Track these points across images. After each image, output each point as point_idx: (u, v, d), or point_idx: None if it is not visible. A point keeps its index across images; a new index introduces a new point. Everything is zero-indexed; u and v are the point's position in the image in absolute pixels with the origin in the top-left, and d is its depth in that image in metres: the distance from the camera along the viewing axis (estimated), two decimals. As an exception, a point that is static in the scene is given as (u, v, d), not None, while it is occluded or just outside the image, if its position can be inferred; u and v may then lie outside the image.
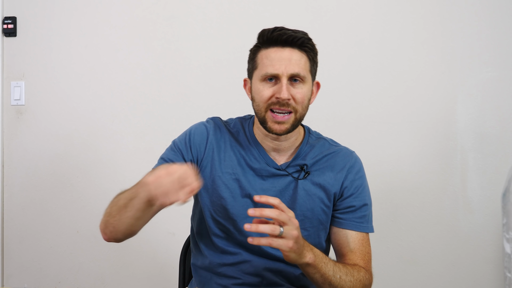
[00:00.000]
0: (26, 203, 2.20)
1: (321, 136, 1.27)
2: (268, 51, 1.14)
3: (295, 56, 1.12)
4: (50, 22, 2.19)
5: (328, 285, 1.05)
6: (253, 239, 0.93)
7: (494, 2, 1.88)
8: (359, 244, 1.17)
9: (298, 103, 1.13)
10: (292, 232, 0.95)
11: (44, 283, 2.18)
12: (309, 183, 1.18)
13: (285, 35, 1.12)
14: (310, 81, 1.17)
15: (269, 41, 1.14)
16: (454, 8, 1.90)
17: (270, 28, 1.15)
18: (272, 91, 1.12)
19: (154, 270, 2.08)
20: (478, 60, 1.88)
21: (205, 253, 1.23)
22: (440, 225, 1.90)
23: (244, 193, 1.18)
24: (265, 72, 1.13)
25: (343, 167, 1.20)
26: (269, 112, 1.13)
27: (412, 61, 1.92)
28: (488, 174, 1.87)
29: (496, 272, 1.88)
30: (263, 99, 1.13)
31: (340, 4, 1.97)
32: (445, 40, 1.90)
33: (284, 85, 1.10)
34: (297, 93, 1.12)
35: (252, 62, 1.19)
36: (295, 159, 1.20)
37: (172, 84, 2.09)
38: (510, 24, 1.87)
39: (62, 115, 2.17)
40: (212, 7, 2.06)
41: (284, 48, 1.12)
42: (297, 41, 1.12)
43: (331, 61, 1.97)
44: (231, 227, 1.18)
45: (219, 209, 1.19)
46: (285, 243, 0.94)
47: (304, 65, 1.13)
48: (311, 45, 1.16)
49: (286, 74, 1.11)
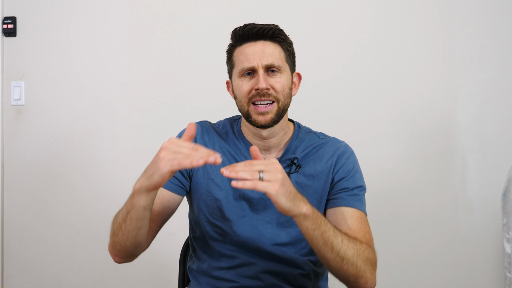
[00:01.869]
0: (26, 203, 2.20)
1: (311, 130, 1.28)
2: (242, 47, 1.17)
3: (268, 48, 1.14)
4: (50, 22, 2.19)
5: (330, 248, 0.99)
6: (237, 183, 0.87)
7: (494, 2, 1.88)
8: (358, 222, 1.13)
9: (278, 92, 1.14)
10: (275, 175, 0.90)
11: (44, 283, 2.18)
12: (301, 176, 1.18)
13: (255, 28, 1.15)
14: (288, 70, 1.18)
15: (241, 38, 1.17)
16: (454, 8, 1.90)
17: (241, 26, 1.18)
18: (251, 84, 1.14)
19: (154, 270, 2.08)
20: (478, 60, 1.88)
21: (202, 258, 1.23)
22: (440, 225, 1.90)
23: (237, 193, 1.18)
24: (241, 67, 1.15)
25: (333, 154, 1.20)
26: (252, 105, 1.14)
27: (412, 61, 1.92)
28: (488, 174, 1.87)
29: (496, 272, 1.88)
30: (243, 94, 1.15)
31: (340, 4, 1.97)
32: (445, 40, 1.90)
33: (261, 75, 1.12)
34: (275, 83, 1.14)
35: (230, 62, 1.21)
36: (285, 154, 1.20)
37: (172, 84, 2.09)
38: (510, 24, 1.87)
39: (62, 115, 2.17)
40: (212, 7, 2.06)
41: (256, 41, 1.15)
42: (268, 32, 1.14)
43: (331, 61, 1.97)
44: (227, 228, 1.18)
45: (214, 211, 1.19)
46: (270, 185, 0.88)
47: (278, 55, 1.15)
48: (283, 36, 1.18)
49: (262, 65, 1.13)
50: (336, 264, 1.01)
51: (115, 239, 1.08)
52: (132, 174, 2.10)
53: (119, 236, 1.06)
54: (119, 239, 1.07)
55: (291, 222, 1.17)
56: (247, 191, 1.17)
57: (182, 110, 2.07)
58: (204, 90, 2.06)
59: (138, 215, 1.01)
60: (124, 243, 1.07)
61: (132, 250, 1.09)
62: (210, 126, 1.26)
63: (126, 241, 1.06)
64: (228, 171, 0.88)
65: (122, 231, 1.05)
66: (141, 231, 1.05)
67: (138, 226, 1.03)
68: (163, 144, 0.93)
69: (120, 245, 1.07)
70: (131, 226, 1.03)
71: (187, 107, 2.07)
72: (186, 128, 0.98)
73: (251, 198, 1.18)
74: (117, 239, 1.07)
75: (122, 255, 1.10)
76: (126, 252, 1.10)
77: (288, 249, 1.18)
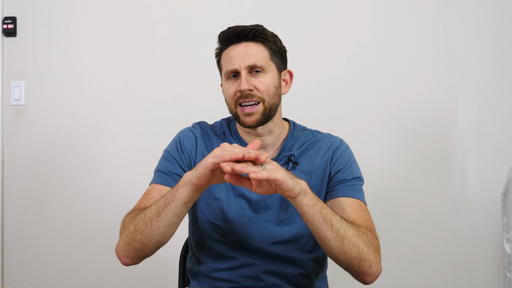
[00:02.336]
0: (26, 203, 2.20)
1: (306, 128, 1.29)
2: (227, 50, 1.19)
3: (250, 49, 1.15)
4: (50, 22, 2.19)
5: (330, 225, 0.99)
6: (255, 173, 0.88)
7: (494, 2, 1.88)
8: (357, 210, 1.12)
9: (263, 92, 1.15)
10: (274, 164, 0.94)
11: (44, 283, 2.18)
12: (298, 173, 1.18)
13: (236, 30, 1.16)
14: (274, 70, 1.18)
15: (225, 41, 1.19)
16: (454, 8, 1.90)
17: (225, 29, 1.19)
18: (236, 86, 1.16)
19: (154, 270, 2.08)
20: (478, 60, 1.88)
21: (202, 260, 1.23)
22: (440, 225, 1.90)
23: (237, 192, 1.19)
24: (226, 70, 1.17)
25: (328, 149, 1.21)
26: (239, 107, 1.16)
27: (412, 61, 1.92)
28: (488, 174, 1.87)
29: (496, 272, 1.88)
30: (230, 96, 1.17)
31: (340, 4, 1.97)
32: (445, 40, 1.90)
33: (243, 77, 1.14)
34: (259, 83, 1.15)
35: (218, 65, 1.23)
36: (282, 152, 1.21)
37: (172, 84, 2.09)
38: (510, 24, 1.87)
39: (62, 115, 2.17)
40: (212, 7, 2.06)
41: (239, 43, 1.17)
42: (249, 33, 1.16)
43: (331, 61, 1.97)
44: (228, 228, 1.18)
45: (215, 211, 1.19)
46: (276, 171, 0.91)
47: (262, 55, 1.16)
48: (265, 35, 1.18)
49: (244, 67, 1.14)
50: (338, 245, 1.00)
51: (137, 236, 1.04)
52: (132, 174, 2.12)
53: (144, 233, 1.03)
54: (144, 237, 1.03)
55: (291, 219, 1.18)
56: (246, 191, 1.17)
57: (182, 110, 2.07)
58: (204, 90, 2.06)
59: (176, 210, 1.00)
60: (148, 241, 1.04)
61: (152, 249, 1.06)
62: (208, 127, 1.28)
63: (151, 238, 1.03)
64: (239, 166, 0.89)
65: (152, 226, 1.02)
66: (171, 230, 1.04)
67: (171, 223, 1.02)
68: None
69: (142, 243, 1.04)
70: (165, 221, 1.01)
71: (187, 107, 2.07)
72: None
73: (251, 198, 1.18)
74: (140, 237, 1.04)
75: (137, 255, 1.07)
76: (144, 252, 1.06)
77: (289, 246, 1.18)
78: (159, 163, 1.22)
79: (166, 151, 1.24)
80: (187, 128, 1.27)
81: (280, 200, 1.18)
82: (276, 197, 1.18)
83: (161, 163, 1.22)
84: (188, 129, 1.26)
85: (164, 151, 1.24)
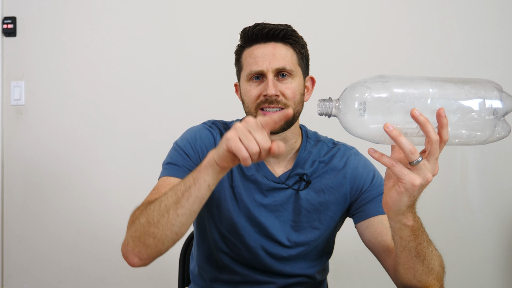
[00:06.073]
0: (26, 203, 2.20)
1: (320, 139, 1.20)
2: (251, 49, 1.09)
3: (279, 50, 1.06)
4: (50, 22, 2.19)
5: (422, 260, 0.92)
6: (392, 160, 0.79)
7: (494, 2, 1.88)
8: None
9: (289, 98, 1.06)
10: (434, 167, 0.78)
11: (44, 283, 2.17)
12: (311, 192, 1.12)
13: (266, 29, 1.06)
14: (301, 75, 1.10)
15: (250, 38, 1.09)
16: (454, 8, 1.90)
17: (251, 26, 1.09)
18: (259, 89, 1.06)
19: (154, 270, 2.08)
20: (478, 60, 1.88)
21: (205, 268, 1.18)
22: (440, 225, 1.89)
23: (244, 208, 1.12)
24: (249, 71, 1.07)
25: (344, 165, 1.13)
26: (260, 111, 1.06)
27: (412, 61, 1.92)
28: (488, 174, 1.87)
29: (496, 272, 1.88)
30: (251, 99, 1.07)
31: (339, 4, 1.97)
32: (445, 40, 1.90)
33: (270, 81, 1.04)
34: (286, 89, 1.05)
35: (238, 64, 1.14)
36: (294, 169, 1.13)
37: (172, 84, 2.09)
38: (510, 24, 1.87)
39: (62, 115, 2.17)
40: (212, 7, 2.06)
41: (266, 43, 1.07)
42: (279, 33, 1.06)
43: (331, 61, 1.97)
44: (237, 242, 1.12)
45: (225, 220, 1.13)
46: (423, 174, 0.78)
47: (290, 58, 1.07)
48: (296, 37, 1.10)
49: (271, 70, 1.05)
50: (423, 276, 0.94)
51: (150, 229, 0.89)
52: (132, 174, 2.12)
53: (160, 224, 0.88)
54: (158, 229, 0.89)
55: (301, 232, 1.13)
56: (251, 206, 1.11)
57: (182, 110, 2.07)
58: (204, 90, 2.06)
59: (198, 194, 0.87)
60: (164, 234, 0.89)
61: (168, 245, 0.92)
62: (223, 127, 1.19)
63: (168, 230, 0.89)
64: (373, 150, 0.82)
65: (169, 216, 0.88)
66: (191, 219, 0.90)
67: (193, 210, 0.88)
68: None
69: (156, 237, 0.89)
70: (186, 208, 0.87)
71: (187, 107, 2.07)
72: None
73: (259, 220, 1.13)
74: (154, 229, 0.89)
75: (147, 253, 0.91)
76: (157, 248, 0.91)
77: (296, 263, 1.14)
78: (170, 156, 1.12)
79: (178, 144, 1.13)
80: (203, 126, 1.17)
81: (290, 216, 1.13)
82: (286, 213, 1.12)
83: (172, 156, 1.12)
84: (205, 128, 1.16)
85: (176, 144, 1.14)
